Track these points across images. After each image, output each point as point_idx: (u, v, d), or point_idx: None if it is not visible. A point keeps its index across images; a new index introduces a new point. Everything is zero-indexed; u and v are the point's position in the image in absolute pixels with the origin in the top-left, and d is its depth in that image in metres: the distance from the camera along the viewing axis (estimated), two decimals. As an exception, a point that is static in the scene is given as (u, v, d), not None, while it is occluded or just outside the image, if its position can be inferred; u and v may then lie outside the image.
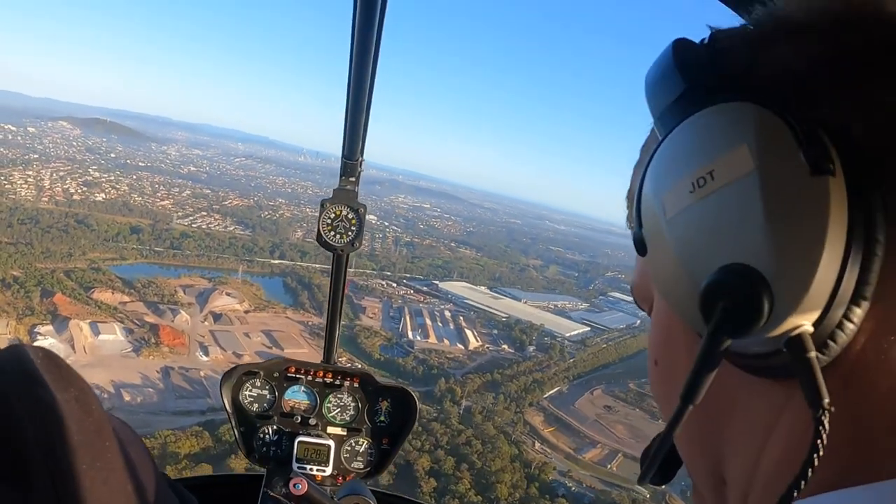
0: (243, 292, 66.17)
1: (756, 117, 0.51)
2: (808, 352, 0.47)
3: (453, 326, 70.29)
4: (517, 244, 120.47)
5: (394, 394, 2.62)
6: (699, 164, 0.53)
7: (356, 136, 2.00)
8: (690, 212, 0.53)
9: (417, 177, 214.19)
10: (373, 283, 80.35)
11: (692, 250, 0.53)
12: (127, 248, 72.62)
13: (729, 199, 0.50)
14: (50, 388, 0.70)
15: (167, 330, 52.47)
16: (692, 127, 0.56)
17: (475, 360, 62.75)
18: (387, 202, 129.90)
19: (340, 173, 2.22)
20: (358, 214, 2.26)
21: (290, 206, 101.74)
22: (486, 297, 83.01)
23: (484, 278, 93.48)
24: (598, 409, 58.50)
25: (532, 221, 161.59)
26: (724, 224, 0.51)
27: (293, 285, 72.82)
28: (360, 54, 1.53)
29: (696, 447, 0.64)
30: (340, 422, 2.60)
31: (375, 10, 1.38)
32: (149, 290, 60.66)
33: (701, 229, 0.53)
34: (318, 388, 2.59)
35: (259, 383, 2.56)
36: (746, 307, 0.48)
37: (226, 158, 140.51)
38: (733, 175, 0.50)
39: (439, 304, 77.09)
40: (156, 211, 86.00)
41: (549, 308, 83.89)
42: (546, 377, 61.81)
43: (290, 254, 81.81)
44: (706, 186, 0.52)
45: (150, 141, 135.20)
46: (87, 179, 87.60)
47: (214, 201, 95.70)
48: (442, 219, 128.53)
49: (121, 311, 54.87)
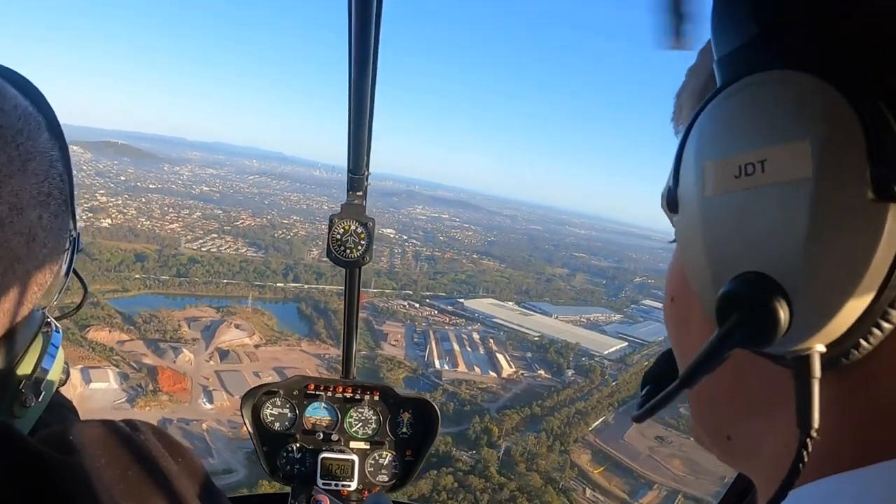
0: (253, 323, 59.74)
1: (830, 107, 0.42)
2: (812, 376, 0.44)
3: (483, 351, 63.25)
4: (540, 252, 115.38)
5: (415, 405, 2.60)
6: (752, 146, 0.46)
7: (360, 151, 1.97)
8: (730, 201, 0.47)
9: (434, 186, 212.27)
10: (394, 304, 73.82)
11: (721, 246, 0.48)
12: (130, 278, 67.04)
13: (774, 201, 0.44)
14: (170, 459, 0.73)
15: (167, 373, 45.95)
16: (754, 93, 0.47)
17: (510, 390, 55.92)
18: (404, 214, 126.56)
19: (347, 188, 2.21)
20: (367, 228, 2.24)
21: (304, 223, 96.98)
22: (515, 313, 76.38)
23: (510, 292, 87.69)
24: (650, 440, 51.82)
25: (552, 227, 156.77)
26: (762, 228, 0.45)
27: (308, 312, 66.18)
28: (358, 68, 1.52)
29: (704, 402, 0.60)
30: (363, 436, 2.59)
31: (370, 24, 1.37)
32: (150, 325, 54.45)
33: (736, 227, 0.47)
34: (338, 404, 2.57)
35: (279, 402, 2.54)
36: (761, 325, 0.44)
37: (240, 177, 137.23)
38: (786, 175, 0.43)
39: (466, 324, 70.44)
40: (163, 236, 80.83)
41: (582, 322, 77.57)
42: (589, 406, 55.08)
43: (304, 276, 75.68)
44: (754, 177, 0.45)
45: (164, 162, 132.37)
46: (92, 205, 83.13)
47: (226, 222, 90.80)
48: (462, 229, 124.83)
49: (117, 352, 48.61)
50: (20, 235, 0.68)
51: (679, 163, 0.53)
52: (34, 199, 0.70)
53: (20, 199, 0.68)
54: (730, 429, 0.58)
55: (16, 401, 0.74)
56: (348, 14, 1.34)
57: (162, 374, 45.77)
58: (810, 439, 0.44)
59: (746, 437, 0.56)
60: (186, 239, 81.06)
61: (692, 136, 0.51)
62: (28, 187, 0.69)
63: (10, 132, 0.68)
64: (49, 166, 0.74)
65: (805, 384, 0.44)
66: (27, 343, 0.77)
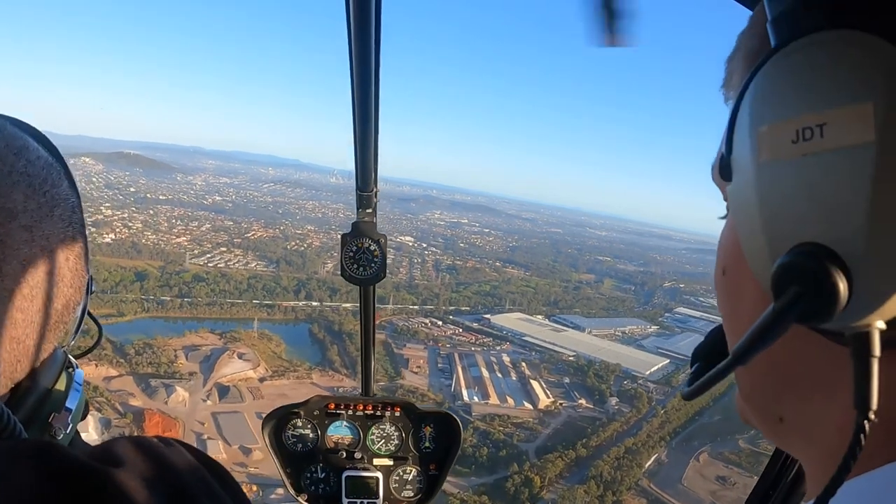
0: (259, 350, 52.45)
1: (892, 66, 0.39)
2: (872, 354, 0.41)
3: (515, 377, 55.45)
4: (564, 257, 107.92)
5: (436, 419, 2.55)
6: (811, 109, 0.42)
7: (368, 168, 1.95)
8: (787, 168, 0.44)
9: (451, 190, 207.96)
10: (415, 322, 66.47)
11: (778, 215, 0.45)
12: (127, 300, 60.53)
13: (835, 168, 0.41)
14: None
15: (156, 419, 38.79)
16: (812, 53, 0.43)
17: (549, 425, 48.20)
18: (423, 220, 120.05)
19: (357, 206, 2.17)
20: (379, 245, 2.21)
21: (319, 233, 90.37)
22: (547, 329, 68.60)
23: (538, 304, 79.99)
24: (711, 481, 44.24)
25: (573, 229, 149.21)
26: (822, 196, 0.42)
27: (321, 335, 58.76)
28: (361, 87, 1.50)
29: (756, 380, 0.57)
30: (386, 452, 2.53)
31: (370, 50, 1.36)
32: (143, 357, 47.51)
33: (794, 195, 0.44)
34: (359, 422, 2.53)
35: (300, 423, 2.50)
36: (820, 300, 0.41)
37: (254, 185, 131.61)
38: (848, 139, 0.40)
39: (494, 344, 62.81)
40: (168, 251, 74.50)
41: (617, 336, 70.00)
42: (639, 442, 47.31)
43: (317, 293, 68.45)
44: (812, 142, 0.42)
45: (177, 172, 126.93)
46: (96, 219, 77.01)
47: (236, 234, 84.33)
48: (482, 234, 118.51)
49: (102, 391, 41.62)
50: (51, 276, 0.72)
51: (732, 128, 0.49)
52: (61, 242, 0.74)
53: (50, 242, 0.71)
54: (782, 409, 0.55)
55: (46, 433, 0.77)
56: (348, 44, 1.34)
57: (150, 419, 38.60)
58: (868, 421, 0.40)
59: (800, 418, 0.53)
60: (192, 254, 74.71)
61: (746, 99, 0.48)
62: (56, 231, 0.73)
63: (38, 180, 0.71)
64: (72, 212, 0.78)
65: (864, 362, 0.41)
66: (53, 379, 0.79)
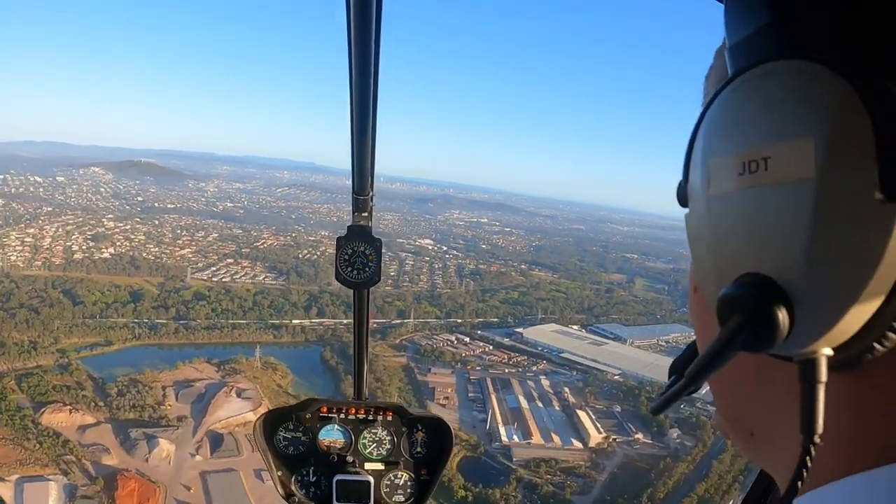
0: (262, 384, 44.68)
1: (836, 102, 0.38)
2: (818, 380, 0.41)
3: (559, 406, 46.82)
4: (591, 257, 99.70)
5: (428, 423, 2.50)
6: (756, 142, 0.42)
7: (364, 172, 1.92)
8: (733, 200, 0.45)
9: (469, 188, 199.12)
10: (439, 340, 58.26)
11: (725, 246, 0.46)
12: (116, 325, 52.94)
13: (776, 201, 0.41)
14: None
15: (131, 484, 30.99)
16: (758, 86, 0.43)
17: (604, 469, 39.69)
18: (441, 221, 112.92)
19: (353, 209, 2.14)
20: (375, 248, 2.17)
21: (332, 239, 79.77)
22: (586, 343, 60.00)
23: (571, 311, 71.77)
24: None
25: (595, 225, 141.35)
26: (764, 228, 0.42)
27: (332, 361, 50.70)
28: (358, 92, 1.48)
29: (726, 396, 0.58)
30: (377, 457, 2.48)
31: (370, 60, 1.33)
32: (126, 398, 40.05)
33: (738, 227, 0.44)
34: (351, 426, 2.48)
35: (292, 426, 2.46)
36: (761, 329, 0.42)
37: (268, 190, 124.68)
38: (789, 174, 0.40)
39: (529, 364, 54.59)
40: (169, 265, 67.20)
41: (661, 347, 61.27)
42: (711, 486, 38.66)
43: (330, 308, 60.27)
44: (757, 175, 0.42)
45: (189, 179, 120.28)
46: (97, 232, 70.06)
47: (245, 243, 77.03)
48: (504, 234, 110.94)
49: (73, 446, 34.03)
50: None
51: (689, 157, 0.50)
52: None
53: None
54: (752, 423, 0.55)
55: None
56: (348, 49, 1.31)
57: (123, 486, 30.76)
58: (814, 445, 0.41)
59: (767, 432, 0.54)
60: (195, 267, 67.38)
61: (701, 129, 0.48)
62: None
63: None
64: None
65: (811, 387, 0.42)
66: None
